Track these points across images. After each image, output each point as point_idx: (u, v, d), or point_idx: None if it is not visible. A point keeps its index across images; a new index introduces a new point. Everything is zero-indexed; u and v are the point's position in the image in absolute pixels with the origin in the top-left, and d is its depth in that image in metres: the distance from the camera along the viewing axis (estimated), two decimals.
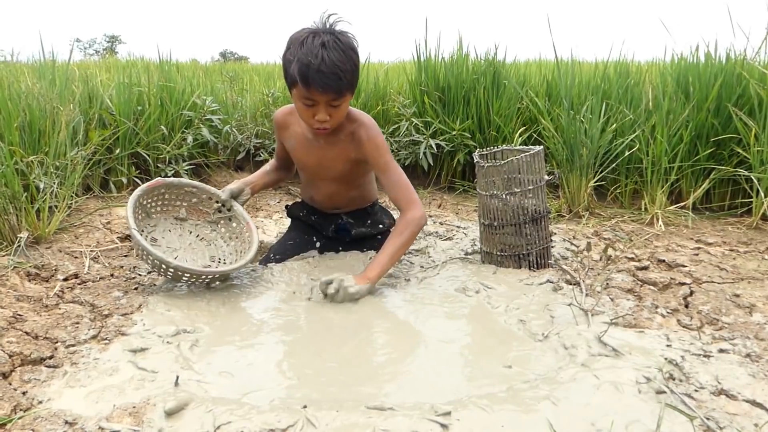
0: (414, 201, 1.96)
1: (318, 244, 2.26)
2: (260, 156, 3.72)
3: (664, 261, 2.16)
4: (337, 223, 2.24)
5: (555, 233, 2.54)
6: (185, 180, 2.11)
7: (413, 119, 3.59)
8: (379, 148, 1.96)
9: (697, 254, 2.26)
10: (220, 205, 2.12)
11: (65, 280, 1.95)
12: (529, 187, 2.04)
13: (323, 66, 1.68)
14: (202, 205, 2.15)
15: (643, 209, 2.95)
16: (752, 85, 2.85)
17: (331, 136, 1.96)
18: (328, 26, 1.78)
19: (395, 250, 1.90)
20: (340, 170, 2.06)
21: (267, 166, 2.26)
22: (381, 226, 2.28)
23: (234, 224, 2.15)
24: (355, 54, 1.79)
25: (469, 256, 2.28)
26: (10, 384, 1.30)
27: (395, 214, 2.43)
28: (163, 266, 1.77)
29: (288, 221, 2.41)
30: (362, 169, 2.08)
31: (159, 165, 3.22)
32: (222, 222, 2.16)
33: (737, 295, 1.82)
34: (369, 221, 2.27)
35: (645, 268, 2.09)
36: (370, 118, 2.00)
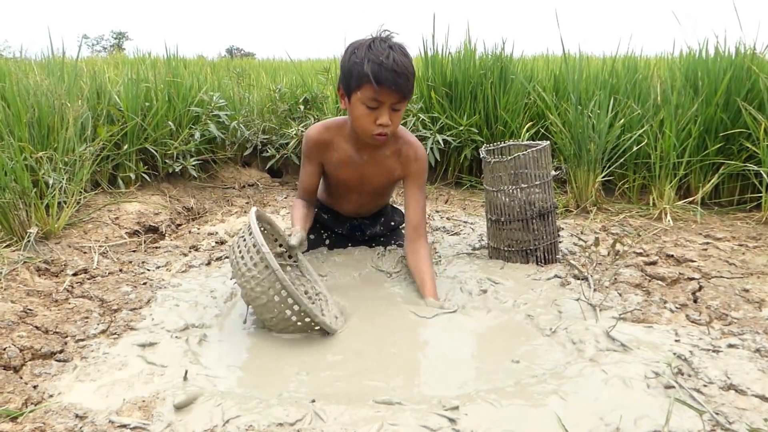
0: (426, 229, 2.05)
1: (327, 241, 2.27)
2: (267, 152, 3.72)
3: (672, 256, 2.15)
4: (352, 223, 2.27)
5: (562, 228, 2.53)
6: (266, 216, 1.84)
7: (420, 114, 3.59)
8: (426, 170, 2.02)
9: (705, 249, 2.24)
10: (284, 250, 1.93)
11: (74, 275, 1.97)
12: (536, 183, 2.04)
13: (395, 66, 1.71)
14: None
15: (651, 204, 2.93)
16: (762, 80, 2.83)
17: (377, 152, 1.97)
18: (384, 36, 1.82)
19: (433, 274, 1.90)
20: (379, 186, 2.08)
21: (303, 209, 2.05)
22: (392, 223, 2.32)
23: (299, 274, 1.93)
24: (411, 62, 1.81)
25: (476, 252, 2.27)
26: (21, 378, 1.31)
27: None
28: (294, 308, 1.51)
29: None
30: (397, 183, 2.12)
31: (167, 161, 3.23)
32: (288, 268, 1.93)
33: (746, 290, 1.81)
34: (382, 220, 2.30)
35: (653, 263, 2.08)
36: (414, 137, 2.04)
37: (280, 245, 1.92)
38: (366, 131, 1.83)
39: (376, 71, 1.70)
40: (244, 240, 1.55)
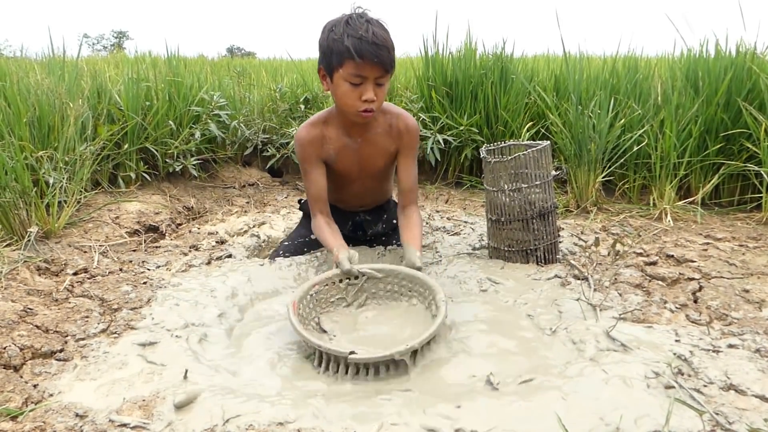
0: (418, 198, 2.10)
1: None
2: (267, 151, 3.72)
3: (672, 256, 2.15)
4: (354, 221, 2.26)
5: (563, 228, 2.53)
6: (305, 285, 1.68)
7: (421, 114, 3.59)
8: (417, 140, 2.05)
9: (706, 249, 2.24)
10: (347, 279, 1.77)
11: (75, 274, 1.97)
12: (537, 182, 2.04)
13: (376, 39, 1.70)
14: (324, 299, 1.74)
15: (651, 204, 2.93)
16: (762, 80, 2.83)
17: (369, 132, 1.97)
18: (360, 12, 1.80)
19: (421, 233, 1.99)
20: (379, 166, 2.07)
21: (327, 226, 1.97)
22: (395, 221, 2.29)
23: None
24: (391, 38, 1.80)
25: (476, 252, 2.27)
26: (22, 377, 1.31)
27: None
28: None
29: (297, 215, 2.40)
30: (394, 161, 2.10)
31: (167, 160, 3.23)
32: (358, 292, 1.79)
33: (747, 291, 1.81)
34: (384, 217, 2.29)
35: (653, 263, 2.08)
36: (402, 109, 2.04)
37: (340, 281, 1.76)
38: (352, 109, 1.81)
39: (356, 45, 1.69)
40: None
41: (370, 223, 2.27)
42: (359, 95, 1.77)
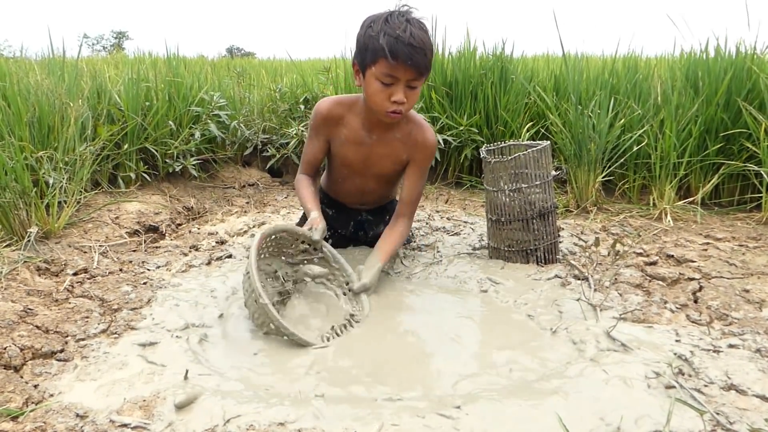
0: (414, 215, 2.09)
1: (330, 241, 2.26)
2: (267, 151, 3.72)
3: (672, 256, 2.15)
4: (356, 220, 2.25)
5: (563, 228, 2.53)
6: (278, 225, 1.78)
7: (420, 114, 3.58)
8: (432, 157, 2.02)
9: (706, 249, 2.24)
10: (306, 245, 1.86)
11: (75, 274, 1.97)
12: (537, 183, 2.04)
13: (413, 40, 1.65)
14: (284, 248, 1.85)
15: (651, 204, 2.94)
16: (762, 80, 2.83)
17: (386, 133, 1.94)
18: (403, 11, 1.76)
19: (397, 247, 1.99)
20: (385, 169, 2.04)
21: (311, 186, 2.01)
22: None
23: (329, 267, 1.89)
24: (430, 39, 1.75)
25: (476, 252, 2.27)
26: (22, 377, 1.31)
27: None
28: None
29: (296, 215, 2.39)
30: (403, 169, 2.06)
31: (167, 160, 3.23)
32: (306, 262, 1.87)
33: (747, 291, 1.81)
34: (387, 218, 2.25)
35: (654, 263, 2.08)
36: (426, 122, 2.01)
37: (302, 242, 1.84)
38: (380, 108, 1.79)
39: (392, 45, 1.66)
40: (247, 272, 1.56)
41: (371, 223, 2.26)
42: (389, 95, 1.75)
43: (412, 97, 1.78)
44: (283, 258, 1.83)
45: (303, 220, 2.31)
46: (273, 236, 1.76)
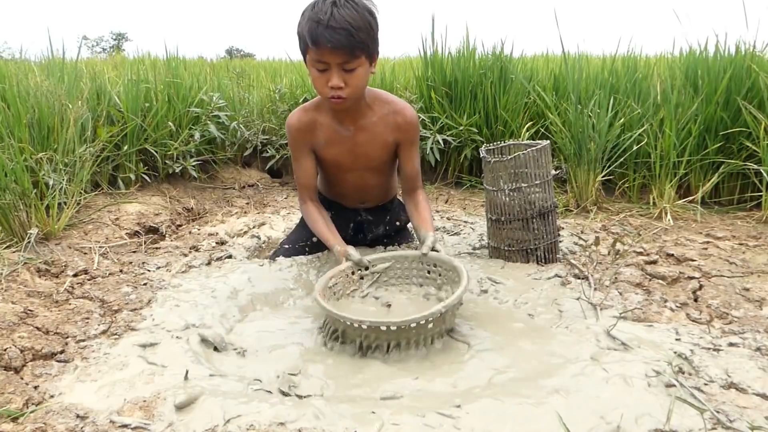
0: (422, 185, 2.07)
1: None
2: (267, 152, 3.72)
3: (672, 255, 2.15)
4: (355, 221, 2.21)
5: (563, 228, 2.53)
6: (324, 278, 1.68)
7: (420, 114, 3.59)
8: (418, 129, 1.99)
9: (706, 248, 2.24)
10: (360, 271, 1.81)
11: (75, 275, 1.97)
12: (536, 182, 2.04)
13: (332, 21, 1.58)
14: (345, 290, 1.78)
15: (651, 203, 2.93)
16: (762, 78, 2.83)
17: (361, 120, 1.89)
18: None
19: (430, 214, 1.97)
20: (374, 157, 1.98)
21: (321, 216, 1.96)
22: (398, 223, 2.26)
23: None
24: (371, 16, 1.68)
25: (476, 251, 2.28)
26: (22, 378, 1.31)
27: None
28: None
29: (296, 215, 2.38)
30: (394, 154, 2.03)
31: (167, 161, 3.23)
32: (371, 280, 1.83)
33: (747, 289, 1.81)
34: (387, 218, 2.23)
35: (654, 262, 2.08)
36: (402, 100, 1.98)
37: (353, 272, 1.79)
38: (322, 95, 1.75)
39: (312, 30, 1.60)
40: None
41: (371, 224, 2.22)
42: (326, 80, 1.69)
43: (352, 80, 1.70)
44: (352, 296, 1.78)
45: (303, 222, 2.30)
46: (327, 287, 1.68)
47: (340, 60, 1.65)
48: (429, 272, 1.81)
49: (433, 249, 1.78)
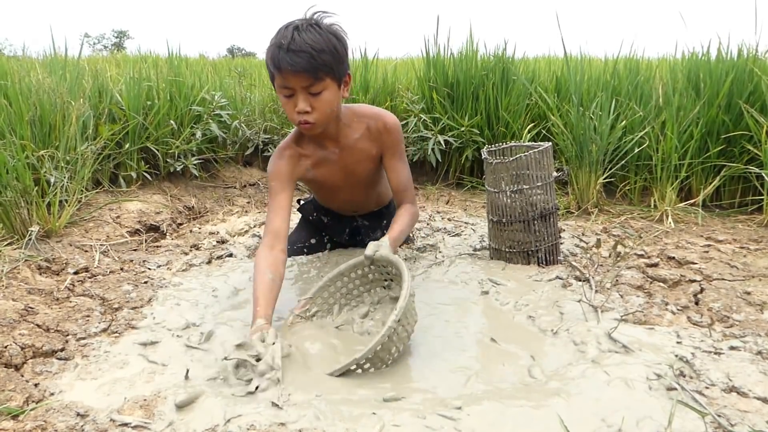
0: (415, 199, 1.99)
1: (329, 246, 2.25)
2: (268, 151, 3.72)
3: (674, 258, 2.15)
4: (352, 227, 2.21)
5: (564, 230, 2.53)
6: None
7: (422, 115, 3.59)
8: (401, 137, 1.91)
9: (707, 251, 2.24)
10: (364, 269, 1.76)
11: (76, 273, 1.97)
12: (538, 184, 2.04)
13: (293, 45, 1.54)
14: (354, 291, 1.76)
15: (652, 206, 2.93)
16: (764, 82, 2.83)
17: (344, 139, 1.85)
18: (308, 17, 1.65)
19: (405, 228, 1.86)
20: (363, 173, 1.95)
21: (267, 274, 1.58)
22: None
23: None
24: (335, 38, 1.62)
25: (477, 252, 2.27)
26: (23, 376, 1.31)
27: None
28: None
29: (296, 216, 2.37)
30: (381, 164, 1.97)
31: (168, 160, 3.22)
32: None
33: (748, 293, 1.81)
34: (384, 222, 2.22)
35: (655, 265, 2.08)
36: (379, 108, 1.92)
37: (358, 271, 1.75)
38: (292, 121, 1.69)
39: (274, 55, 1.57)
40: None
41: (368, 229, 2.21)
42: (294, 107, 1.65)
43: (319, 104, 1.64)
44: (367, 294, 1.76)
45: (305, 222, 2.30)
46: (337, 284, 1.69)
47: (304, 83, 1.60)
48: (377, 273, 1.75)
49: (373, 251, 1.67)
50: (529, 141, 3.31)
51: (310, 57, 1.55)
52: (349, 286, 1.74)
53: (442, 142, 3.47)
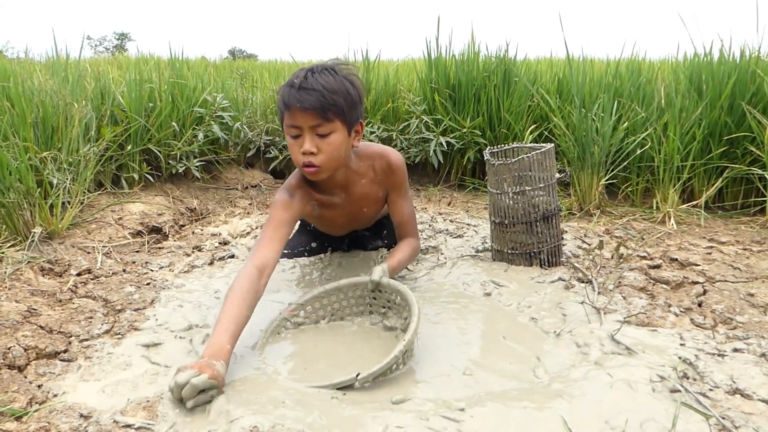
0: (418, 233, 2.00)
1: (330, 249, 2.25)
2: (270, 153, 3.73)
3: (676, 260, 2.14)
4: (351, 237, 2.21)
5: (566, 231, 2.53)
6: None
7: (423, 117, 3.59)
8: (405, 176, 1.90)
9: (710, 253, 2.24)
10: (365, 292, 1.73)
11: (78, 275, 1.97)
12: (540, 185, 2.04)
13: (305, 83, 1.54)
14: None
15: (654, 208, 2.93)
16: (766, 83, 2.83)
17: (352, 185, 1.83)
18: (326, 64, 1.65)
19: (404, 259, 1.87)
20: (370, 213, 1.96)
21: (243, 300, 1.43)
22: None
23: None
24: (349, 83, 1.61)
25: (479, 254, 2.27)
26: (26, 377, 1.31)
27: None
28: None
29: None
30: (386, 197, 1.96)
31: (170, 162, 3.23)
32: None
33: (751, 295, 1.80)
34: (385, 231, 2.22)
35: (657, 266, 2.08)
36: (383, 146, 1.90)
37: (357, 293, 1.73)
38: (297, 164, 1.65)
39: (284, 93, 1.57)
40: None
41: (369, 238, 2.22)
42: (299, 147, 1.60)
43: (326, 147, 1.59)
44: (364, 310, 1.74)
45: (304, 228, 2.29)
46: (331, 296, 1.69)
47: (312, 122, 1.56)
48: (375, 298, 1.71)
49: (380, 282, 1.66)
50: (531, 142, 3.31)
51: (320, 95, 1.53)
52: (343, 303, 1.72)
53: (444, 144, 3.47)
